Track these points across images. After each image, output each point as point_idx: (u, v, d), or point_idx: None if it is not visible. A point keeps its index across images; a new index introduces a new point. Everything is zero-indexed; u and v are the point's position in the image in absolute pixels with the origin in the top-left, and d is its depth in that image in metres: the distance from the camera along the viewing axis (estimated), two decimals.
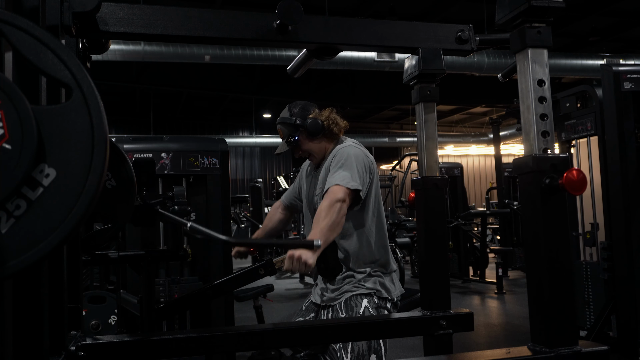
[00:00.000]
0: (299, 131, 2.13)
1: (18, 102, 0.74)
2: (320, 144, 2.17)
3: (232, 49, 8.70)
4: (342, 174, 1.95)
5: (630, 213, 3.00)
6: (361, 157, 2.04)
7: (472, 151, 19.77)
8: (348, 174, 1.94)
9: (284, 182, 10.64)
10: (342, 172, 1.95)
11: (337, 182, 1.92)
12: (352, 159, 1.99)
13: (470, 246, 7.92)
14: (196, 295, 2.08)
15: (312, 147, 2.17)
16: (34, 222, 0.76)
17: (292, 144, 2.16)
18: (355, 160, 2.00)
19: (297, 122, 2.13)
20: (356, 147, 2.10)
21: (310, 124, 2.10)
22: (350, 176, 1.94)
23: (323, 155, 2.19)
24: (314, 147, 2.17)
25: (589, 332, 3.21)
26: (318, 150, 2.18)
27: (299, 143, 2.16)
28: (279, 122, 2.19)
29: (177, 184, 3.42)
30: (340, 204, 1.86)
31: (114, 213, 1.52)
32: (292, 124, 2.13)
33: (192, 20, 1.43)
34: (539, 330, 1.28)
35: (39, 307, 1.03)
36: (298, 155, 2.21)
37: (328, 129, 2.14)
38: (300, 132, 2.13)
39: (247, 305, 3.57)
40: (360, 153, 2.06)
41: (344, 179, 1.92)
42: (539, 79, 1.31)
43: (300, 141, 2.15)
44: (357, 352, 1.91)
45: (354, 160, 1.99)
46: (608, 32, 10.94)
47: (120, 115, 16.05)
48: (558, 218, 1.27)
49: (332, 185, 1.93)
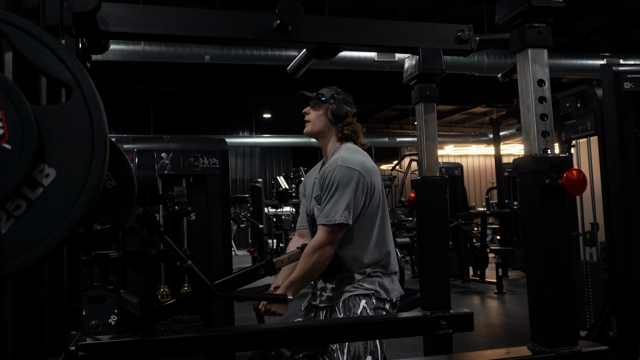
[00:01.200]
0: (328, 101, 2.17)
1: (18, 102, 0.74)
2: (327, 129, 2.18)
3: (232, 49, 8.70)
4: (327, 208, 2.01)
5: (630, 213, 3.00)
6: (352, 177, 2.00)
7: (472, 151, 19.76)
8: (332, 209, 1.99)
9: (284, 182, 10.64)
10: (329, 204, 2.01)
11: (322, 222, 2.01)
12: (342, 186, 2.00)
13: (470, 246, 7.92)
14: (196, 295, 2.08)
15: (319, 124, 2.18)
16: (34, 222, 0.75)
17: (317, 97, 2.18)
18: (345, 185, 2.00)
19: (335, 95, 2.17)
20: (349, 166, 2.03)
21: (339, 106, 2.14)
22: (335, 210, 1.99)
23: (317, 135, 2.20)
24: (322, 125, 2.18)
25: (589, 332, 3.21)
26: (321, 129, 2.18)
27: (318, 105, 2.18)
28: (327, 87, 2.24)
29: (177, 184, 3.43)
30: (320, 252, 1.99)
31: (114, 213, 1.52)
32: (332, 93, 2.18)
33: (192, 20, 1.43)
34: (539, 330, 1.28)
35: (39, 307, 1.03)
36: (305, 111, 2.21)
37: (346, 125, 2.16)
38: (328, 102, 2.17)
39: (247, 305, 3.56)
40: (351, 174, 2.01)
41: (329, 214, 2.00)
42: (539, 79, 1.31)
43: (322, 105, 2.17)
44: (353, 353, 1.91)
45: (344, 186, 2.00)
46: (608, 32, 10.94)
47: (120, 115, 16.05)
48: (558, 218, 1.27)
49: (319, 224, 2.03)
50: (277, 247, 10.72)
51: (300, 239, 2.33)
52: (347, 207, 1.98)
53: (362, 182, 2.03)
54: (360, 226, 2.06)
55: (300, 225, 2.37)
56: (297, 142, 15.89)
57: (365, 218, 2.06)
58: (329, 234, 1.99)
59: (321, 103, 2.17)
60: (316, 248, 2.00)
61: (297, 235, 2.40)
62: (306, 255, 2.01)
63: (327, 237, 1.99)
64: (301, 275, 2.01)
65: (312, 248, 2.01)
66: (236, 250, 13.28)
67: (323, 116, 2.17)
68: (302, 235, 2.35)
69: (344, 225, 1.99)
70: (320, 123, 2.18)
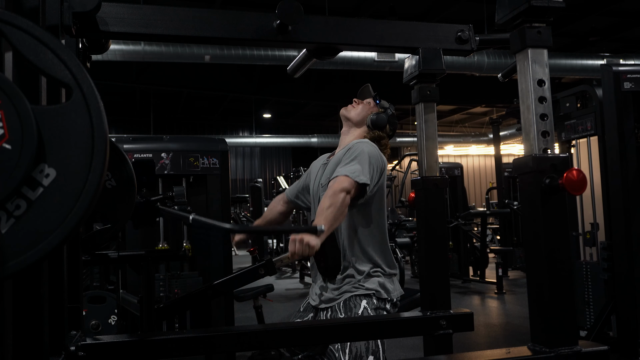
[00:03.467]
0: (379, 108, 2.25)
1: (18, 102, 0.74)
2: (360, 127, 2.24)
3: (232, 49, 8.70)
4: (353, 166, 1.95)
5: (630, 213, 3.00)
6: (375, 154, 2.05)
7: (472, 151, 19.76)
8: (359, 168, 1.94)
9: (284, 182, 10.64)
10: (353, 165, 1.96)
11: (345, 173, 1.91)
12: (365, 155, 1.99)
13: (470, 246, 7.92)
14: (196, 295, 2.08)
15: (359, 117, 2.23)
16: (34, 222, 0.75)
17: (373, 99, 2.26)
18: (369, 155, 2.00)
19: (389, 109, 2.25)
20: (372, 145, 2.11)
21: (381, 117, 2.20)
22: (361, 170, 1.93)
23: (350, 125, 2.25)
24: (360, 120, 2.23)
25: (589, 332, 3.21)
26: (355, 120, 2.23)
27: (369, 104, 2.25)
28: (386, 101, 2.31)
29: (177, 184, 3.42)
30: (344, 194, 1.84)
31: (114, 213, 1.52)
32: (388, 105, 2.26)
33: (192, 20, 1.43)
34: (539, 330, 1.28)
35: (39, 307, 1.03)
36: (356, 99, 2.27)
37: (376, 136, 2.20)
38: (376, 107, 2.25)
39: (247, 305, 3.56)
40: (374, 150, 2.07)
41: (354, 171, 1.92)
42: (539, 79, 1.31)
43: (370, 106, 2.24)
44: (354, 353, 1.91)
45: (368, 155, 1.99)
46: (608, 32, 10.94)
47: (120, 115, 16.05)
48: (558, 218, 1.27)
49: (340, 174, 1.92)
50: (277, 247, 10.72)
51: (282, 202, 2.42)
52: (371, 174, 1.96)
53: (381, 163, 2.05)
54: (364, 220, 2.05)
55: (290, 192, 2.42)
56: (297, 142, 15.86)
57: (369, 211, 2.06)
58: (351, 185, 1.88)
59: (373, 104, 2.25)
60: (339, 190, 1.84)
61: (280, 198, 2.46)
62: (334, 194, 1.82)
63: (349, 185, 1.87)
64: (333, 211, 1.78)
65: (335, 190, 1.84)
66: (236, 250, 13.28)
67: (365, 115, 2.23)
68: (285, 201, 2.43)
69: (365, 186, 1.93)
70: (360, 117, 2.23)
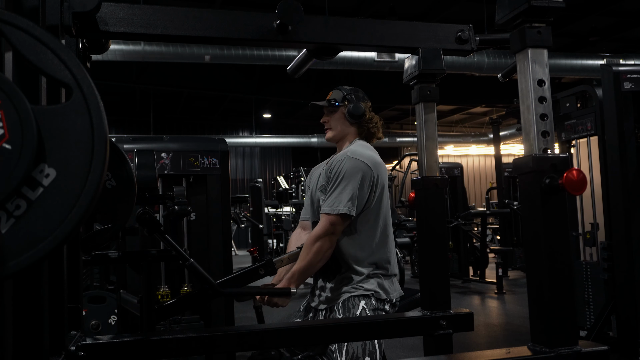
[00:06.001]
0: (344, 104, 2.19)
1: (18, 102, 0.74)
2: (348, 131, 2.19)
3: (232, 49, 8.70)
4: (332, 197, 2.00)
5: (630, 213, 3.00)
6: (360, 169, 2.01)
7: (472, 151, 19.76)
8: (337, 199, 1.98)
9: (283, 182, 10.64)
10: (333, 195, 2.00)
11: (325, 211, 1.99)
12: (346, 178, 2.00)
13: (470, 246, 7.92)
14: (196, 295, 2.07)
15: (340, 128, 2.19)
16: (34, 222, 0.75)
17: (329, 104, 2.20)
18: (352, 176, 2.00)
19: (347, 95, 2.19)
20: (359, 154, 2.06)
21: (356, 106, 2.16)
22: (339, 200, 1.98)
23: (339, 139, 2.21)
24: (343, 128, 2.19)
25: (589, 332, 3.21)
26: (343, 132, 2.20)
27: (335, 110, 2.19)
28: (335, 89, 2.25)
29: (177, 184, 3.43)
30: (321, 242, 1.96)
31: (114, 213, 1.52)
32: (343, 95, 2.20)
33: (192, 20, 1.43)
34: (539, 330, 1.28)
35: (39, 307, 1.03)
36: (323, 120, 2.24)
37: (365, 122, 2.17)
38: (344, 105, 2.19)
39: (247, 305, 3.57)
40: (359, 166, 2.02)
41: (333, 204, 1.98)
42: (539, 79, 1.31)
43: (337, 109, 2.19)
44: (351, 353, 1.90)
45: (350, 178, 1.99)
46: (608, 32, 10.94)
47: (120, 115, 16.04)
48: (558, 218, 1.27)
49: (322, 212, 2.01)
50: (277, 247, 10.72)
51: (303, 231, 2.33)
52: (352, 199, 1.97)
53: (369, 175, 2.03)
54: (364, 221, 2.05)
55: (303, 217, 2.37)
56: (297, 142, 15.86)
57: (369, 213, 2.05)
58: (331, 224, 1.97)
59: (336, 108, 2.20)
60: (317, 237, 1.97)
61: (299, 227, 2.39)
62: (307, 245, 1.97)
63: (329, 227, 1.97)
64: (303, 266, 1.96)
65: (313, 238, 1.97)
66: (236, 250, 13.28)
67: (342, 119, 2.19)
68: (305, 227, 2.34)
69: (347, 216, 1.97)
70: (340, 127, 2.19)
